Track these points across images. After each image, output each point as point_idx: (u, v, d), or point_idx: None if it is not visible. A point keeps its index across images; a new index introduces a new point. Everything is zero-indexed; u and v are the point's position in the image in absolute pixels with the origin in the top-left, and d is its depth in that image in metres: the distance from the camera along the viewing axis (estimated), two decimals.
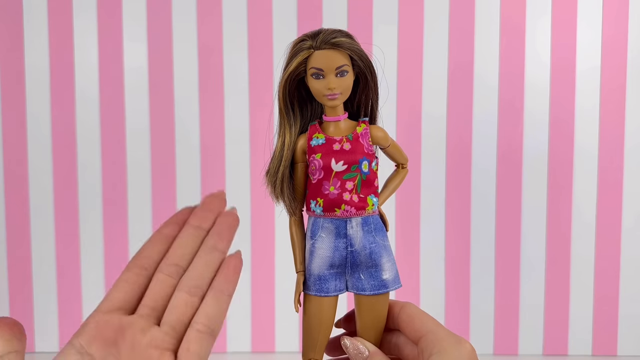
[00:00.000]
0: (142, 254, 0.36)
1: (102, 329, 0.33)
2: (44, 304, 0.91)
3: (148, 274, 0.36)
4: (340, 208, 0.42)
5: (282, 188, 0.43)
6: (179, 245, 0.36)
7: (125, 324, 0.33)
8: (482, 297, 0.89)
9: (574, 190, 0.88)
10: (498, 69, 0.86)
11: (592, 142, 0.87)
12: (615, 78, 0.86)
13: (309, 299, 0.43)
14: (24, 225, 0.90)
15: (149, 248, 0.36)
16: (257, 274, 0.90)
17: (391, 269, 0.43)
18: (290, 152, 0.43)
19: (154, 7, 0.87)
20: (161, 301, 0.35)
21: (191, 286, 0.35)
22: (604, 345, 0.89)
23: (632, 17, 0.85)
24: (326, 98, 0.42)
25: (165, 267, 0.35)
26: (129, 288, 0.35)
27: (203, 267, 0.36)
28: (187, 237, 0.37)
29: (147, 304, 0.34)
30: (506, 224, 0.88)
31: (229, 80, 0.88)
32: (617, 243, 0.88)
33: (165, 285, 0.35)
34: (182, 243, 0.36)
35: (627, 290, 0.88)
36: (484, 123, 0.87)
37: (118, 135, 0.89)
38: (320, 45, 0.41)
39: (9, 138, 0.89)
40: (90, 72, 0.88)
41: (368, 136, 0.43)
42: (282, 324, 0.90)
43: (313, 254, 0.43)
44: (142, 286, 0.35)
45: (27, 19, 0.87)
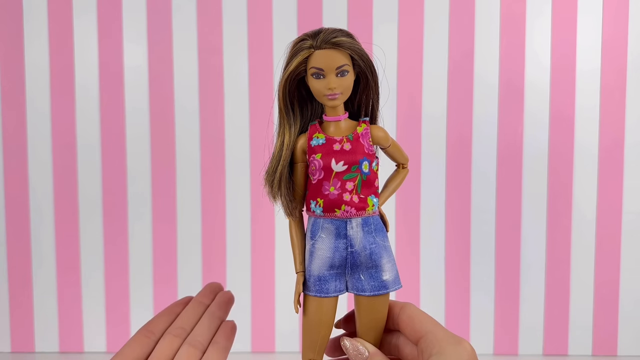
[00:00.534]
0: (151, 322, 0.44)
1: None
2: (44, 304, 0.91)
3: (155, 337, 0.43)
4: (341, 208, 0.42)
5: (280, 188, 0.43)
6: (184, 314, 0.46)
7: None
8: (482, 297, 0.89)
9: (574, 190, 0.87)
10: (498, 68, 0.86)
11: (592, 141, 0.87)
12: (616, 77, 0.86)
13: (309, 299, 0.43)
14: (24, 225, 0.90)
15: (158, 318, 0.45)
16: (257, 274, 0.89)
17: (391, 270, 0.43)
18: (289, 152, 0.43)
19: (154, 8, 0.87)
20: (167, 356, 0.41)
21: (195, 341, 0.42)
22: (604, 345, 0.89)
23: (632, 15, 0.85)
24: (326, 98, 0.41)
25: (172, 330, 0.43)
26: (138, 347, 0.41)
27: (205, 327, 0.44)
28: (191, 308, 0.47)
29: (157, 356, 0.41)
30: (506, 224, 0.88)
31: (229, 80, 0.88)
32: (617, 243, 0.88)
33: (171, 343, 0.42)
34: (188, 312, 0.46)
35: (627, 290, 0.88)
36: (484, 122, 0.87)
37: (118, 135, 0.89)
38: (321, 44, 0.41)
39: (9, 138, 0.89)
40: (91, 72, 0.88)
41: (368, 136, 0.43)
42: (282, 324, 0.90)
43: (313, 255, 0.43)
44: (150, 346, 0.42)
45: (27, 19, 0.87)
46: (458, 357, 0.38)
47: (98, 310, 0.90)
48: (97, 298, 0.90)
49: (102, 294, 0.90)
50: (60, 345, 0.91)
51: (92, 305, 0.90)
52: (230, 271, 0.90)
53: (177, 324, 0.44)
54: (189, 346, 0.42)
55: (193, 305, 0.47)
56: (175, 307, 0.47)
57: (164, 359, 0.41)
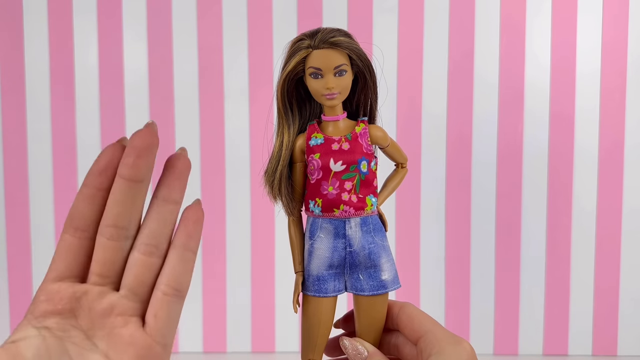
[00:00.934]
0: (73, 215, 0.31)
1: (55, 299, 0.30)
2: None
3: (88, 235, 0.31)
4: (339, 208, 0.42)
5: (280, 188, 0.43)
6: (113, 203, 0.31)
7: (79, 292, 0.30)
8: (482, 297, 0.89)
9: (574, 190, 0.87)
10: (498, 68, 0.86)
11: (592, 141, 0.87)
12: (616, 78, 0.86)
13: (308, 299, 0.43)
14: (24, 225, 0.90)
15: (78, 207, 0.31)
16: (257, 274, 0.89)
17: (390, 270, 0.43)
18: (288, 152, 0.43)
19: (154, 7, 0.87)
20: (110, 266, 0.31)
21: (147, 245, 0.31)
22: (604, 345, 0.89)
23: (632, 16, 0.85)
24: (325, 98, 0.41)
25: (104, 230, 0.31)
26: (71, 254, 0.31)
27: (156, 224, 0.31)
28: (120, 193, 0.31)
29: (96, 271, 0.31)
30: (506, 224, 0.88)
31: (229, 80, 0.88)
32: (617, 244, 0.88)
33: (109, 249, 0.31)
34: (116, 201, 0.31)
35: (627, 290, 0.88)
36: (484, 122, 0.87)
37: (118, 135, 0.89)
38: (319, 44, 0.41)
39: (9, 138, 0.89)
40: (90, 72, 0.88)
41: (367, 136, 0.43)
42: (282, 324, 0.90)
43: (312, 255, 0.43)
44: (85, 249, 0.31)
45: (27, 19, 0.87)
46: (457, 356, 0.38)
47: None
48: None
49: None
50: None
51: None
52: (230, 271, 0.90)
53: (107, 221, 0.31)
54: (140, 254, 0.31)
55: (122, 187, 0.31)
56: (95, 180, 0.31)
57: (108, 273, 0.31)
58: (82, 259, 0.31)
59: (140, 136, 0.31)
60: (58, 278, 0.31)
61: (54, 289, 0.30)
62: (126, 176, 0.31)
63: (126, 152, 0.31)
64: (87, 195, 0.31)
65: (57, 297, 0.30)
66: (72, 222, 0.31)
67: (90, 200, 0.31)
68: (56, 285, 0.31)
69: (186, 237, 0.32)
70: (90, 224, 0.31)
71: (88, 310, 0.30)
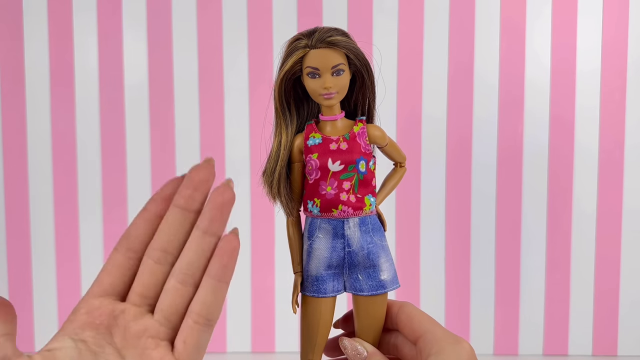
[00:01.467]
0: (129, 235, 0.33)
1: (94, 314, 0.32)
2: (44, 304, 0.91)
3: (137, 256, 0.33)
4: (338, 208, 0.42)
5: (279, 188, 0.43)
6: (165, 229, 0.33)
7: (118, 311, 0.32)
8: (482, 297, 0.89)
9: (574, 191, 0.87)
10: (498, 69, 0.86)
11: (593, 142, 0.87)
12: (616, 78, 0.86)
13: (307, 299, 0.43)
14: (24, 225, 0.90)
15: (135, 228, 0.34)
16: (257, 274, 0.89)
17: (389, 269, 0.43)
18: (286, 151, 0.43)
19: (154, 7, 0.87)
20: (151, 289, 0.33)
21: (183, 274, 0.32)
22: (604, 345, 0.89)
23: (632, 16, 0.85)
24: (322, 97, 0.41)
25: (152, 252, 0.33)
26: (118, 272, 0.33)
27: (194, 254, 0.33)
28: (172, 220, 0.33)
29: (137, 291, 0.33)
30: (506, 225, 0.88)
31: (229, 80, 0.88)
32: (617, 244, 0.88)
33: (154, 272, 0.33)
34: (167, 226, 0.33)
35: (627, 290, 0.88)
36: (484, 122, 0.87)
37: (118, 135, 0.89)
38: (316, 44, 0.41)
39: (9, 138, 0.89)
40: (90, 72, 0.88)
41: (365, 135, 0.42)
42: (282, 324, 0.90)
43: (310, 255, 0.43)
44: (131, 270, 0.33)
45: (27, 19, 0.87)
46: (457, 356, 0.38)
47: None
48: None
49: None
50: None
51: None
52: None
53: (156, 244, 0.33)
54: (176, 282, 0.32)
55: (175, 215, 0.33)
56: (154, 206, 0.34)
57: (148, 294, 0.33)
58: (126, 278, 0.33)
59: (198, 171, 0.34)
60: (101, 294, 0.32)
61: (96, 304, 0.32)
62: (181, 205, 0.33)
63: (184, 183, 0.34)
64: (146, 219, 0.34)
65: (97, 312, 0.32)
66: (128, 242, 0.33)
67: (148, 224, 0.34)
68: (98, 300, 0.32)
69: (221, 268, 0.33)
70: (140, 245, 0.33)
71: (123, 329, 0.32)
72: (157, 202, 0.34)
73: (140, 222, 0.34)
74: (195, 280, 0.33)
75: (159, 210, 0.34)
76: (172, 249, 0.33)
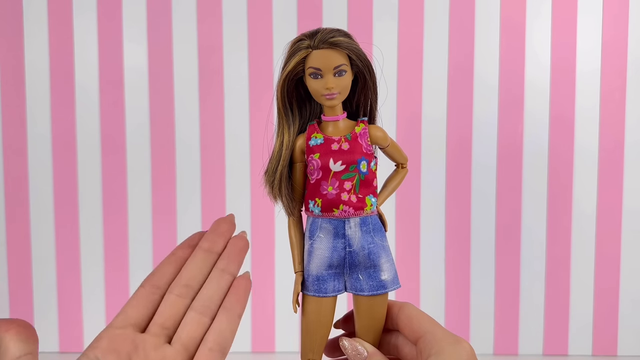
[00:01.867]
0: (155, 273, 0.38)
1: (116, 343, 0.34)
2: (44, 304, 0.91)
3: (161, 292, 0.38)
4: (339, 208, 0.42)
5: (280, 188, 0.43)
6: (190, 267, 0.38)
7: (139, 341, 0.35)
8: (482, 297, 0.89)
9: (574, 191, 0.87)
10: (498, 69, 0.86)
11: (593, 142, 0.87)
12: (616, 78, 0.86)
13: (308, 299, 0.43)
14: (24, 225, 0.90)
15: (162, 268, 0.39)
16: (257, 274, 0.89)
17: (390, 270, 0.43)
18: (288, 152, 0.43)
19: (154, 7, 0.87)
20: (171, 320, 0.36)
21: (203, 306, 0.37)
22: (604, 345, 0.89)
23: (632, 16, 0.85)
24: (324, 98, 0.41)
25: (175, 288, 0.37)
26: (141, 306, 0.37)
27: (214, 289, 0.38)
28: (197, 260, 0.39)
29: (158, 323, 0.36)
30: (506, 225, 0.88)
31: (229, 80, 0.88)
32: (617, 243, 0.88)
33: (175, 305, 0.37)
34: (193, 265, 0.38)
35: (627, 290, 0.88)
36: (484, 122, 0.87)
37: (118, 135, 0.89)
38: (318, 44, 0.41)
39: (9, 138, 0.89)
40: (91, 72, 0.88)
41: (367, 136, 0.43)
42: (282, 324, 0.90)
43: (311, 255, 0.43)
44: (154, 304, 0.37)
45: (27, 19, 0.87)
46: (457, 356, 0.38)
47: (98, 310, 0.90)
48: (97, 298, 0.90)
49: (102, 294, 0.90)
50: (60, 345, 0.91)
51: (92, 305, 0.90)
52: None
53: (181, 280, 0.38)
54: (196, 313, 0.36)
55: (200, 256, 0.39)
56: (181, 251, 0.40)
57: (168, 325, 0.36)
58: (147, 311, 0.37)
59: (223, 222, 0.41)
60: (124, 325, 0.36)
61: (118, 333, 0.35)
62: (206, 248, 0.39)
63: (210, 230, 0.40)
64: (171, 262, 0.39)
65: (119, 341, 0.35)
66: (153, 279, 0.38)
67: (174, 265, 0.39)
68: (121, 331, 0.35)
69: (236, 302, 0.38)
70: (164, 283, 0.38)
71: (144, 357, 0.35)
72: (184, 248, 0.40)
73: (166, 263, 0.39)
74: (212, 313, 0.37)
75: (185, 255, 0.40)
76: (194, 284, 0.38)
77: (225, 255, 0.39)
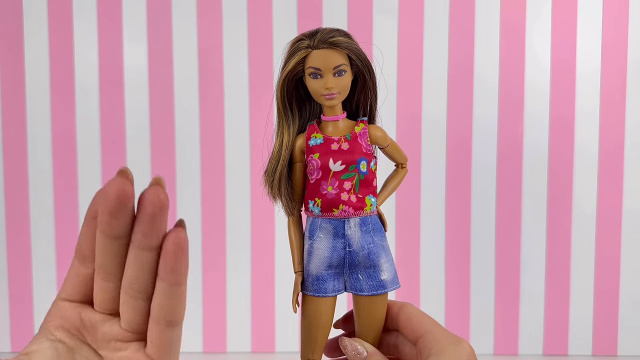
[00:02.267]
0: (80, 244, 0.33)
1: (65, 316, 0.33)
2: (44, 304, 0.91)
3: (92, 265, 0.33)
4: (338, 208, 0.42)
5: (280, 188, 0.43)
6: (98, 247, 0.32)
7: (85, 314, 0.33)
8: (482, 297, 0.89)
9: (574, 191, 0.87)
10: (498, 70, 0.86)
11: (592, 143, 0.87)
12: (616, 79, 0.86)
13: (307, 299, 0.43)
14: (24, 225, 0.90)
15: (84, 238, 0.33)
16: (257, 274, 0.89)
17: (389, 270, 0.43)
18: (288, 152, 0.43)
19: (154, 7, 0.87)
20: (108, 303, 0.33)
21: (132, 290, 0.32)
22: (604, 345, 0.89)
23: (632, 17, 0.85)
24: (324, 98, 0.41)
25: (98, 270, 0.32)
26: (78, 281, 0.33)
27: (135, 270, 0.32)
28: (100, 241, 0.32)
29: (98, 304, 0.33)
30: (506, 225, 0.88)
31: (229, 80, 0.88)
32: (617, 244, 0.88)
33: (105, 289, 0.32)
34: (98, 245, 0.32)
35: (627, 290, 0.88)
36: (484, 123, 0.87)
37: (118, 135, 0.89)
38: (318, 44, 0.41)
39: (9, 138, 0.89)
40: (91, 72, 0.88)
41: (366, 136, 0.43)
42: (282, 324, 0.90)
43: (311, 254, 0.43)
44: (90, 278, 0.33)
45: (27, 19, 0.87)
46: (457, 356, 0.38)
47: None
48: None
49: None
50: None
51: None
52: (230, 271, 0.90)
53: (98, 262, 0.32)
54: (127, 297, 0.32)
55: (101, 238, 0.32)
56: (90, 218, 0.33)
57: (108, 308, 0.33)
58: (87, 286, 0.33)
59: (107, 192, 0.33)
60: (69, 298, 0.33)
61: (65, 306, 0.33)
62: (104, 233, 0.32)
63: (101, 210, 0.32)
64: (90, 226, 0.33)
65: (67, 313, 0.33)
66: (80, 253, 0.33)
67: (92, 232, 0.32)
68: (66, 303, 0.33)
69: (169, 272, 0.31)
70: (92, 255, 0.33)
71: (93, 331, 0.33)
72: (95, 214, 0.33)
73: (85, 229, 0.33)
74: (146, 294, 0.32)
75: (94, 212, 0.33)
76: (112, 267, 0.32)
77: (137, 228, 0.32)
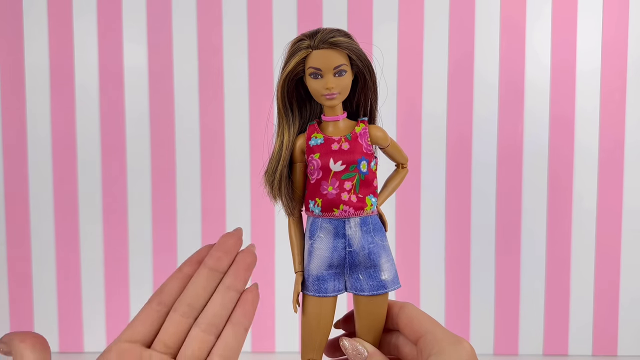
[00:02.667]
0: (162, 290, 0.39)
1: (124, 356, 0.35)
2: (44, 304, 0.91)
3: (166, 309, 0.38)
4: (339, 208, 0.42)
5: (280, 188, 0.43)
6: (193, 285, 0.38)
7: (145, 356, 0.36)
8: (482, 297, 0.89)
9: (574, 191, 0.87)
10: (498, 68, 0.86)
11: (593, 141, 0.87)
12: (616, 78, 0.86)
13: (308, 299, 0.43)
14: (24, 225, 0.90)
15: (168, 285, 0.39)
16: (257, 274, 0.89)
17: (390, 270, 0.43)
18: (288, 152, 0.43)
19: (154, 8, 0.87)
20: (175, 338, 0.37)
21: (207, 324, 0.37)
22: (604, 345, 0.89)
23: (632, 16, 0.85)
24: (324, 98, 0.41)
25: (179, 307, 0.38)
26: (148, 322, 0.37)
27: (218, 307, 0.38)
28: (200, 278, 0.39)
29: (162, 340, 0.37)
30: (506, 224, 0.88)
31: (229, 81, 0.88)
32: (617, 243, 0.88)
33: (178, 324, 0.37)
34: (196, 284, 0.38)
35: (627, 290, 0.88)
36: (484, 122, 0.87)
37: (118, 136, 0.89)
38: (318, 44, 0.41)
39: (9, 138, 0.89)
40: (91, 72, 0.88)
41: (367, 136, 0.43)
42: (282, 324, 0.90)
43: (312, 254, 0.43)
44: (160, 321, 0.38)
45: (27, 19, 0.87)
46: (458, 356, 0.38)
47: (98, 311, 0.90)
48: (97, 298, 0.90)
49: (102, 294, 0.90)
50: (60, 345, 0.91)
51: (92, 306, 0.90)
52: None
53: (184, 299, 0.38)
54: (200, 331, 0.37)
55: (204, 274, 0.39)
56: (188, 267, 0.40)
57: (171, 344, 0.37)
58: (153, 328, 0.38)
59: (229, 238, 0.41)
60: (130, 340, 0.37)
61: (125, 348, 0.36)
62: (211, 266, 0.39)
63: (216, 247, 0.40)
64: (178, 278, 0.39)
65: (126, 354, 0.36)
66: (160, 297, 0.38)
67: (180, 281, 0.39)
68: (128, 345, 0.36)
69: (242, 316, 0.38)
70: (170, 300, 0.38)
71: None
72: (191, 264, 0.40)
73: (173, 279, 0.39)
74: (217, 330, 0.37)
75: (191, 271, 0.39)
76: (197, 303, 0.38)
77: (231, 272, 0.40)
